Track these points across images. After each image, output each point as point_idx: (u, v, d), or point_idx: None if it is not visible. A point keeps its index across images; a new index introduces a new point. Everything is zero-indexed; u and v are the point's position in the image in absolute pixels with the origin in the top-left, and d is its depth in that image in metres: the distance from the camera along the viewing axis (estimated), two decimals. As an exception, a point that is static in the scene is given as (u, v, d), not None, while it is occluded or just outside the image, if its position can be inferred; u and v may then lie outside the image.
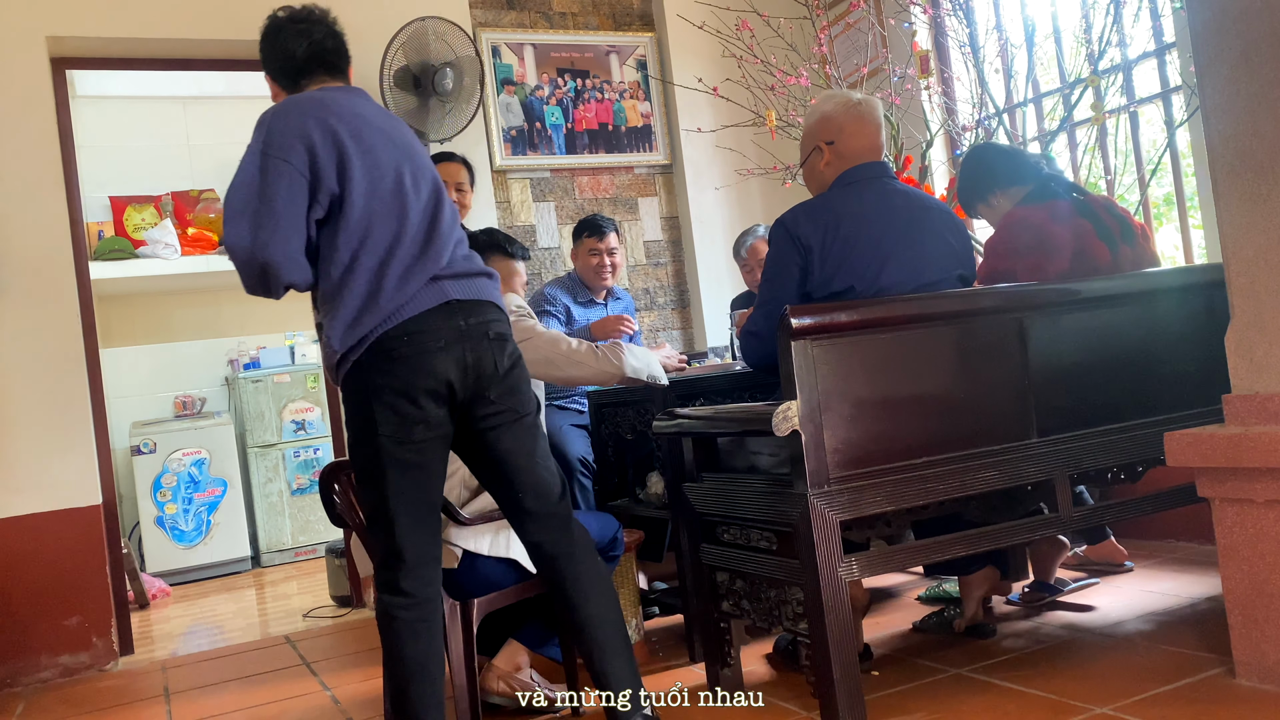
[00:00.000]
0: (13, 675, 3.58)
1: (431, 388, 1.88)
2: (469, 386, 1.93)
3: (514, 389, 1.99)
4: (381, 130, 2.00)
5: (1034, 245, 2.45)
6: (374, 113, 2.03)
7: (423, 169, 2.02)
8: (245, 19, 4.10)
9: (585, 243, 3.86)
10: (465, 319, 1.93)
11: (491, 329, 1.96)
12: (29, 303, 3.70)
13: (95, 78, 5.99)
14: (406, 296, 1.89)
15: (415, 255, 1.93)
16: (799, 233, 2.32)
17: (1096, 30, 3.49)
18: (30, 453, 3.67)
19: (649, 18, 4.86)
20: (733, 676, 2.42)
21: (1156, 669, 2.23)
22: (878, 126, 2.46)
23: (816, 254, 2.30)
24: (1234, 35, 2.02)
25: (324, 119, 1.94)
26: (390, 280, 1.89)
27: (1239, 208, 2.04)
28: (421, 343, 1.88)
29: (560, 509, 2.03)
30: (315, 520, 6.33)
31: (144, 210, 6.38)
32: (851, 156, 2.43)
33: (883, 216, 2.34)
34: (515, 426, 1.99)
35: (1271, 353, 2.01)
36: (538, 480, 2.01)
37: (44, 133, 3.79)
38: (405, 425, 1.87)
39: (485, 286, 2.00)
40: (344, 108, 1.99)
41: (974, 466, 2.15)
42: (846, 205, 2.35)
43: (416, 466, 1.90)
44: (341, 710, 2.82)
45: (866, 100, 2.47)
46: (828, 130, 2.45)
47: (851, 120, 2.43)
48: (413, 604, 1.91)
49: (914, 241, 2.35)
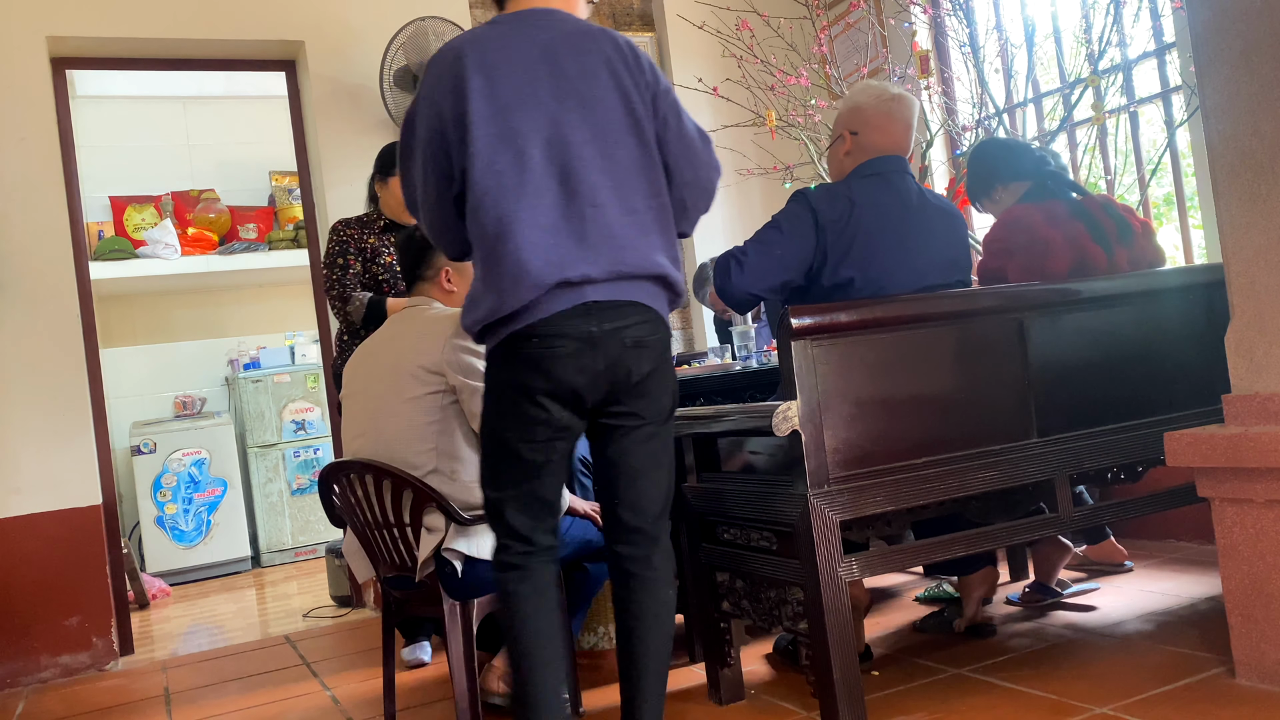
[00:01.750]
0: (13, 675, 3.58)
1: (555, 391, 1.78)
2: (600, 391, 1.81)
3: (645, 393, 1.85)
4: None
5: (1026, 246, 2.46)
6: None
7: None
8: (245, 19, 4.13)
9: None
10: (600, 324, 1.78)
11: (629, 335, 1.81)
12: (29, 303, 3.70)
13: (95, 78, 5.99)
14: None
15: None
16: (820, 208, 2.33)
17: (1096, 30, 3.49)
18: (30, 453, 3.67)
19: (649, 18, 4.86)
20: (733, 676, 2.41)
21: (1156, 669, 2.23)
22: (906, 125, 2.47)
23: (830, 235, 2.31)
24: (1234, 35, 2.02)
25: None
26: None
27: (1239, 207, 2.04)
28: (551, 345, 1.76)
29: (653, 529, 1.92)
30: (315, 520, 6.33)
31: (144, 210, 6.38)
32: (872, 149, 2.44)
33: (894, 214, 2.36)
34: (636, 433, 1.86)
35: (1271, 353, 2.01)
36: (639, 494, 1.89)
37: (44, 133, 3.79)
38: (529, 424, 1.81)
39: (631, 288, 1.81)
40: None
41: (974, 466, 2.15)
42: (863, 196, 2.36)
43: (535, 463, 1.83)
44: (341, 710, 2.82)
45: (901, 97, 2.47)
46: (854, 120, 2.47)
47: (879, 115, 2.44)
48: (524, 575, 1.84)
49: (919, 244, 2.37)
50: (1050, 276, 2.43)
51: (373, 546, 2.42)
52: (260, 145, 6.63)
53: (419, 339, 2.39)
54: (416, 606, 2.45)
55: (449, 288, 2.56)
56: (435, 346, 2.36)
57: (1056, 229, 2.46)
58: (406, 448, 2.33)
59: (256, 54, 4.26)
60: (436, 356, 2.35)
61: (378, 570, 2.49)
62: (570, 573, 2.53)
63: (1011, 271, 2.45)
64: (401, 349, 2.41)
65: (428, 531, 2.28)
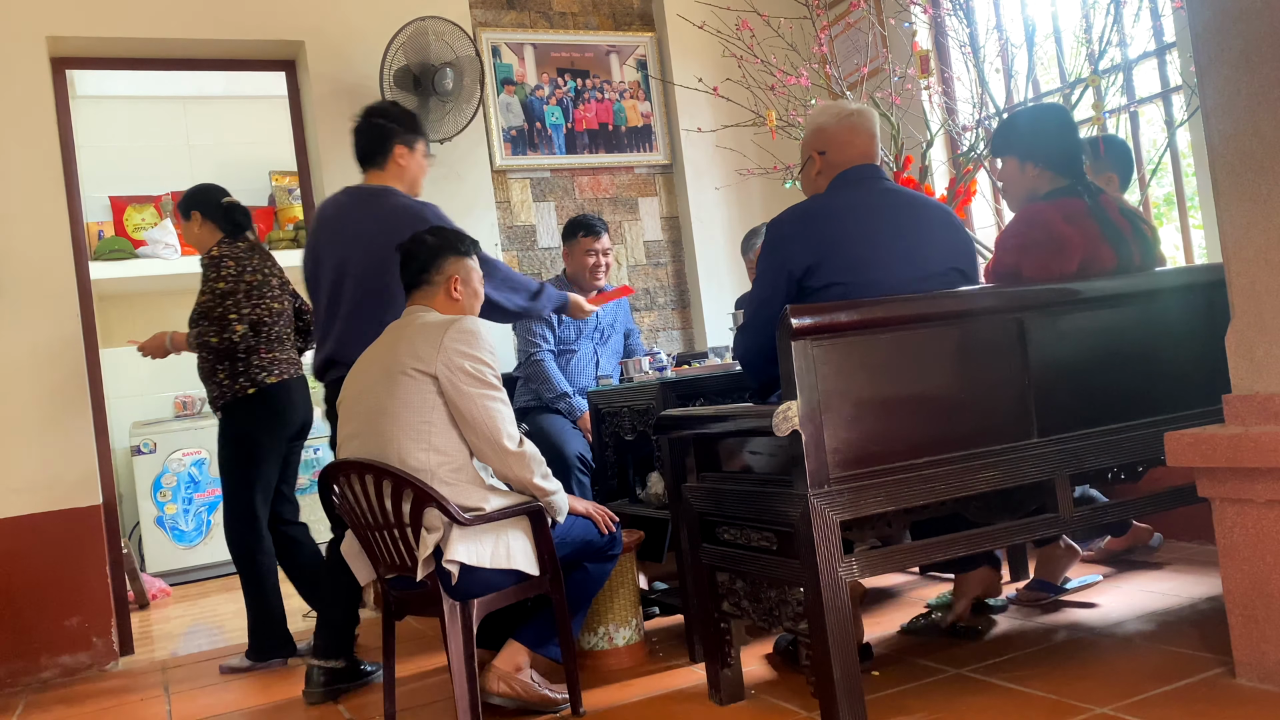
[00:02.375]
0: (13, 675, 3.58)
1: None
2: None
3: None
4: None
5: (1043, 243, 2.44)
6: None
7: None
8: (245, 19, 4.13)
9: (581, 242, 3.87)
10: None
11: None
12: (29, 303, 3.70)
13: (95, 78, 5.99)
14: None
15: None
16: (786, 231, 2.41)
17: (1096, 30, 3.48)
18: (30, 453, 3.67)
19: (649, 17, 4.86)
20: (733, 676, 2.41)
21: (1156, 669, 2.23)
22: (870, 135, 2.54)
23: (800, 252, 2.36)
24: (1234, 35, 2.02)
25: None
26: None
27: (1239, 208, 2.04)
28: None
29: None
30: (315, 520, 6.29)
31: (144, 210, 6.38)
32: (842, 164, 2.52)
33: (873, 212, 2.40)
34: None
35: (1271, 353, 2.01)
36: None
37: (44, 133, 3.79)
38: None
39: None
40: None
41: (974, 466, 2.15)
42: (835, 202, 2.44)
43: None
44: (341, 710, 2.82)
45: (859, 111, 2.56)
46: (819, 141, 2.56)
47: (843, 131, 2.53)
48: None
49: (907, 234, 2.39)
50: (1062, 275, 2.43)
51: (373, 547, 2.43)
52: (260, 145, 6.62)
53: (413, 342, 2.40)
54: (416, 606, 2.45)
55: (455, 295, 2.56)
56: (430, 348, 2.36)
57: (1072, 226, 2.46)
58: (401, 448, 2.33)
59: (256, 54, 4.26)
60: (431, 358, 2.35)
61: (378, 570, 2.49)
62: (570, 573, 2.53)
63: (1026, 268, 2.44)
64: (397, 352, 2.41)
65: (427, 531, 2.28)
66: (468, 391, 2.34)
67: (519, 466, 2.38)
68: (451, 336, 2.37)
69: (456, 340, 2.37)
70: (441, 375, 2.34)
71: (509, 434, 2.37)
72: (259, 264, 3.46)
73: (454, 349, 2.35)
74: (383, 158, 3.06)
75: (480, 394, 2.36)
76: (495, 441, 2.36)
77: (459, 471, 2.36)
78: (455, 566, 2.27)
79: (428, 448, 2.34)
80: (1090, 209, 2.52)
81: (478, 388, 2.36)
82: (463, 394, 2.34)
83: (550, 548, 2.41)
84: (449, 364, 2.34)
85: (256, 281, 3.41)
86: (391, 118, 3.10)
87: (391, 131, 3.06)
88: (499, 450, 2.36)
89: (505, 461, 2.38)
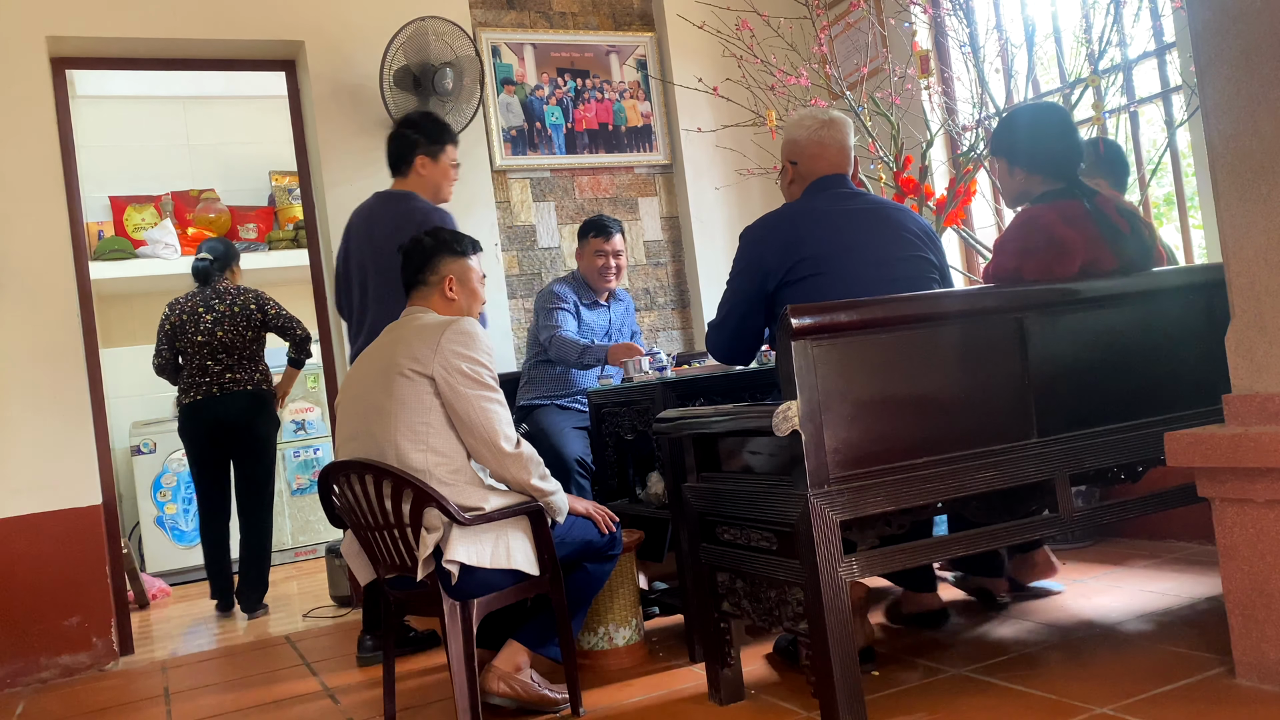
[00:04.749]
0: (13, 675, 3.58)
1: None
2: None
3: None
4: None
5: (1043, 246, 2.44)
6: None
7: None
8: (245, 19, 4.13)
9: (591, 243, 3.86)
10: None
11: None
12: (29, 303, 3.70)
13: (95, 78, 5.99)
14: None
15: None
16: (761, 239, 2.56)
17: (1096, 30, 3.49)
18: (30, 453, 3.67)
19: (649, 17, 4.86)
20: (733, 676, 2.41)
21: (1156, 669, 2.23)
22: (840, 147, 2.67)
23: (770, 254, 2.52)
24: (1234, 35, 2.02)
25: None
26: None
27: (1239, 208, 2.04)
28: None
29: None
30: (315, 520, 6.33)
31: (144, 210, 6.38)
32: (813, 174, 2.66)
33: (843, 213, 2.56)
34: None
35: (1271, 353, 2.01)
36: None
37: (44, 133, 3.79)
38: None
39: None
40: None
41: (974, 466, 2.15)
42: (805, 206, 2.60)
43: None
44: (341, 710, 2.82)
45: (832, 122, 2.67)
46: (792, 152, 2.71)
47: (812, 144, 2.66)
48: None
49: (876, 226, 2.55)
50: (1063, 277, 2.43)
51: (373, 547, 2.43)
52: (260, 145, 6.62)
53: (410, 343, 2.40)
54: (416, 606, 2.45)
55: (450, 295, 2.57)
56: (427, 349, 2.36)
57: (1073, 229, 2.45)
58: (399, 449, 2.33)
59: (256, 54, 4.26)
60: (428, 359, 2.35)
61: (378, 570, 2.49)
62: (570, 573, 2.53)
63: (1027, 272, 2.44)
64: (394, 353, 2.41)
65: (427, 531, 2.28)
66: (464, 393, 2.34)
67: (516, 468, 2.38)
68: (448, 338, 2.37)
69: (453, 341, 2.37)
70: (438, 376, 2.35)
71: (506, 435, 2.37)
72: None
73: (451, 350, 2.35)
74: (406, 166, 3.36)
75: (477, 395, 2.36)
76: (492, 443, 2.36)
77: (457, 473, 2.36)
78: (455, 566, 2.27)
79: (425, 449, 2.34)
80: (1089, 210, 2.52)
81: (474, 389, 2.36)
82: (459, 395, 2.34)
83: (550, 548, 2.41)
84: (446, 365, 2.35)
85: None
86: (417, 128, 3.36)
87: (415, 143, 3.34)
88: (496, 451, 2.36)
89: (502, 463, 2.38)
